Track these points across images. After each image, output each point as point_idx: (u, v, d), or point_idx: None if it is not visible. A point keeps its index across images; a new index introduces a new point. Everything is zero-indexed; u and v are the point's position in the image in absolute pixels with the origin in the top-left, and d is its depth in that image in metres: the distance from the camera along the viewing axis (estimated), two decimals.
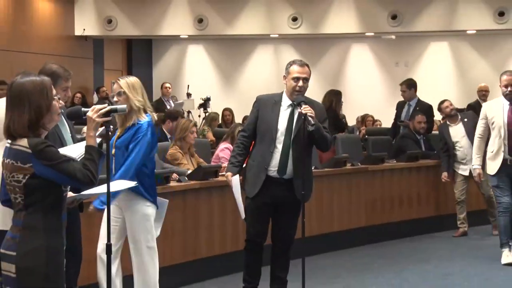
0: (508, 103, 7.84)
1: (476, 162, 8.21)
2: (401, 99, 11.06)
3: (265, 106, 6.15)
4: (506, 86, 7.85)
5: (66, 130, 5.42)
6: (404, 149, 10.15)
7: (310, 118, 5.79)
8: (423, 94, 11.26)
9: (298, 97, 5.99)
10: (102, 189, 4.11)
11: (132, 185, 4.78)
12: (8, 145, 3.67)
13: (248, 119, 6.43)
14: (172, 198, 6.15)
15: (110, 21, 16.30)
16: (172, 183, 7.00)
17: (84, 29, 16.33)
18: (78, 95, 14.90)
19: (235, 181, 6.11)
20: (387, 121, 12.50)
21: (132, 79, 5.48)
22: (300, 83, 6.02)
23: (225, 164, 6.88)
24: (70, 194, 3.90)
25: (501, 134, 7.78)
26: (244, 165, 6.24)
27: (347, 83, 17.41)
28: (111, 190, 4.11)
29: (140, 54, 18.61)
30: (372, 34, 16.38)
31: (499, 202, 7.94)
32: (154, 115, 5.52)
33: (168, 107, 14.06)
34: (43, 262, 3.58)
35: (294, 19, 15.71)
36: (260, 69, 17.95)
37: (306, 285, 5.92)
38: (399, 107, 11.03)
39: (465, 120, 9.75)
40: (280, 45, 17.80)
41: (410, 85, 10.87)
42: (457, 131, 9.72)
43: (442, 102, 9.96)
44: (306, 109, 5.82)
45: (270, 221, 6.20)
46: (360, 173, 9.20)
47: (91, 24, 16.37)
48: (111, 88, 12.00)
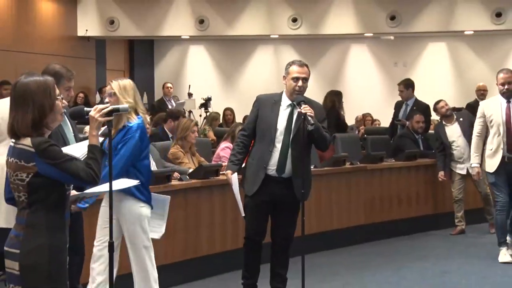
0: (505, 101, 7.83)
1: (474, 161, 8.17)
2: (400, 99, 11.11)
3: (265, 105, 6.17)
4: (503, 84, 7.83)
5: (69, 129, 5.46)
6: (402, 148, 10.16)
7: (309, 118, 5.80)
8: (421, 94, 11.27)
9: (297, 97, 6.01)
10: (104, 187, 4.13)
11: (134, 184, 4.71)
12: (12, 144, 3.69)
13: (248, 118, 6.45)
14: (174, 197, 6.14)
15: (112, 22, 16.28)
16: (174, 182, 7.02)
17: (86, 30, 16.29)
18: (81, 95, 14.97)
19: (235, 179, 6.14)
20: (386, 121, 12.49)
21: (124, 82, 5.43)
22: (300, 83, 6.04)
23: (226, 163, 6.93)
24: (73, 192, 3.93)
25: (500, 131, 7.76)
26: (244, 163, 6.29)
27: (347, 83, 17.39)
28: (113, 188, 4.14)
29: (142, 54, 18.57)
30: (371, 34, 16.36)
31: (497, 200, 7.96)
32: (146, 116, 5.50)
33: (170, 106, 14.12)
34: (46, 260, 3.59)
35: (294, 20, 15.70)
36: (260, 69, 17.95)
37: (305, 282, 5.93)
38: (397, 107, 11.06)
39: (461, 119, 9.75)
40: (280, 45, 17.78)
41: (407, 85, 10.89)
42: (453, 131, 9.71)
43: (437, 102, 9.94)
44: (305, 108, 5.84)
45: (269, 219, 6.24)
46: (359, 172, 9.22)
47: (93, 24, 16.33)
48: None
